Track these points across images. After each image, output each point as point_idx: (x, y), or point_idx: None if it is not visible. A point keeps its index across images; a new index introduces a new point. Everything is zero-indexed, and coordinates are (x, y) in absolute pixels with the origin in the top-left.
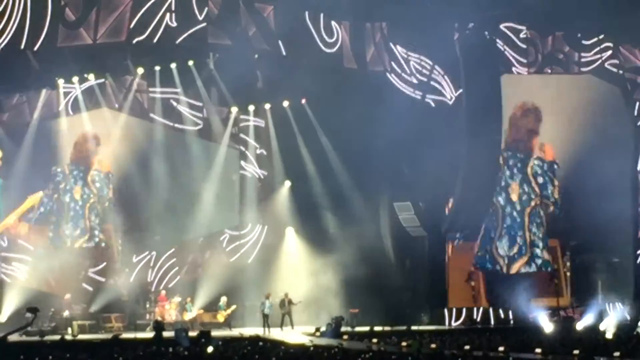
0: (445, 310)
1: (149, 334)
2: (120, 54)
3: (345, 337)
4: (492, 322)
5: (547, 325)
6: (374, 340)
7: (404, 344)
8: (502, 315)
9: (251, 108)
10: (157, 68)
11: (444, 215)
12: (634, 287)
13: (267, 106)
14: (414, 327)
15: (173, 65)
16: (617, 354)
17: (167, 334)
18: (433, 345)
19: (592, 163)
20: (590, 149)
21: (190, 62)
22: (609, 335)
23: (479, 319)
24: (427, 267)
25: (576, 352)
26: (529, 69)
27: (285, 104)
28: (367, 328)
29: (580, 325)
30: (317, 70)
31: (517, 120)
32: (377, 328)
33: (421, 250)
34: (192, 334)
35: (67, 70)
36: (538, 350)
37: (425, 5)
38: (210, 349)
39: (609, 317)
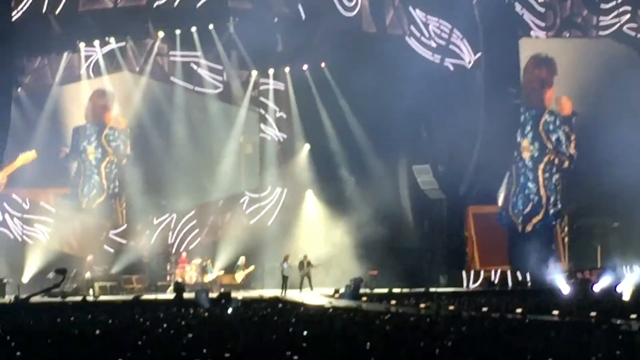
0: (464, 273)
1: (169, 296)
2: (141, 17)
3: (364, 298)
4: (510, 284)
5: (565, 288)
6: (393, 302)
7: (422, 305)
8: (520, 278)
9: (271, 71)
10: (178, 32)
11: (463, 178)
12: None
13: (287, 69)
14: (432, 289)
15: (193, 29)
16: (634, 316)
17: (187, 295)
18: (451, 307)
19: (607, 127)
20: (606, 113)
21: (211, 26)
22: (626, 297)
23: (496, 281)
24: (445, 229)
25: (593, 314)
26: (548, 33)
27: (305, 67)
28: (385, 290)
29: (597, 288)
30: (337, 34)
31: (529, 71)
32: (396, 290)
33: (439, 213)
34: (213, 295)
35: (88, 34)
36: (555, 312)
37: None
38: (230, 310)
39: (626, 279)
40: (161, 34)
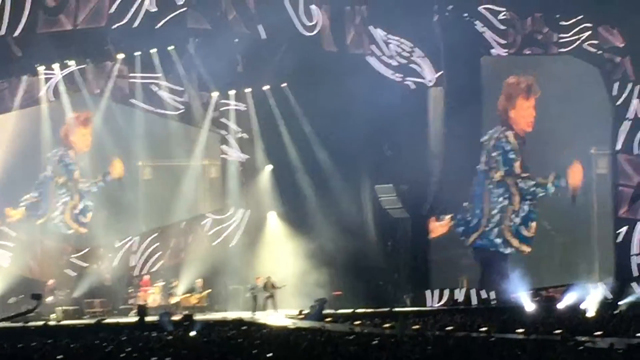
0: (427, 292)
1: (132, 319)
2: (101, 39)
3: (328, 319)
4: (475, 302)
5: (529, 305)
6: (357, 322)
7: (386, 325)
8: (485, 296)
9: (232, 92)
10: (138, 53)
11: (426, 196)
12: (615, 267)
13: (248, 90)
14: (396, 309)
15: (153, 51)
16: (598, 333)
17: (150, 318)
18: (416, 327)
19: (569, 144)
20: (567, 130)
21: (171, 47)
22: (590, 314)
23: (461, 300)
24: (409, 248)
25: (558, 331)
26: (508, 50)
27: (266, 87)
28: (350, 310)
29: (561, 305)
30: (297, 53)
31: (506, 93)
32: (360, 310)
33: (403, 232)
34: (176, 318)
35: (47, 57)
36: (520, 330)
37: None
38: (193, 333)
39: (590, 296)
40: (121, 55)
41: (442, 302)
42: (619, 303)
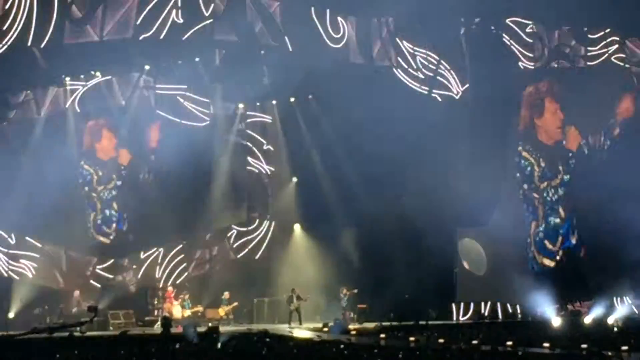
0: (453, 305)
1: (157, 331)
2: (127, 50)
3: (353, 332)
4: (500, 316)
5: (555, 320)
6: (382, 335)
7: (412, 339)
8: (510, 310)
9: (258, 104)
10: (164, 65)
11: (452, 210)
12: None
13: (274, 102)
14: (421, 322)
15: (180, 62)
16: (625, 347)
17: (175, 330)
18: (441, 340)
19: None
20: (595, 144)
21: (197, 59)
22: (617, 329)
23: (486, 314)
24: (434, 262)
25: (584, 346)
26: (535, 64)
27: (292, 99)
28: (375, 323)
29: (588, 319)
30: (324, 65)
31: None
32: (385, 323)
33: (429, 245)
34: (201, 329)
35: (73, 67)
36: (546, 344)
37: (432, 0)
38: (218, 345)
39: (617, 311)
40: (147, 66)
41: (467, 316)
42: None
